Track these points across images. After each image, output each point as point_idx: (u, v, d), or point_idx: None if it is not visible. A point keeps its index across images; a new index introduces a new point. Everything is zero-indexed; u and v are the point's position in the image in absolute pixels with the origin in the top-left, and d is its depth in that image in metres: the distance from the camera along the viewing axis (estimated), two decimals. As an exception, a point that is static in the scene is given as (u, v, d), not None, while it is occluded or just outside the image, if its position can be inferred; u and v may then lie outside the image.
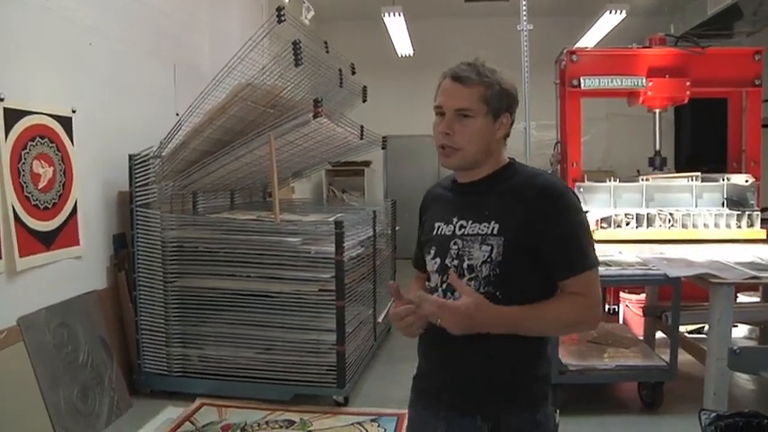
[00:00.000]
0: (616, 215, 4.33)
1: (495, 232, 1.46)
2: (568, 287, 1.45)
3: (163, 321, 3.78)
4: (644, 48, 4.58)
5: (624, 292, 4.87)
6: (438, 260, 1.54)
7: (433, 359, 1.58)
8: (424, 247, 1.63)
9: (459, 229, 1.52)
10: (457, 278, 1.45)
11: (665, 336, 3.94)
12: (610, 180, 4.54)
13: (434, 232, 1.57)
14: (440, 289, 1.54)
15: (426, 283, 1.63)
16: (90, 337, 3.49)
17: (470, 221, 1.51)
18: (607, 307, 5.08)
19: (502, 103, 1.49)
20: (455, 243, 1.51)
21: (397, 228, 5.60)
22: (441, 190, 1.67)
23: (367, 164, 8.62)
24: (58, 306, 3.35)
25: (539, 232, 1.43)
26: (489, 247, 1.46)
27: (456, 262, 1.50)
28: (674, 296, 3.36)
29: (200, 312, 3.77)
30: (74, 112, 3.53)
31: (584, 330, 1.88)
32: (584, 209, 4.24)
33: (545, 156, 5.50)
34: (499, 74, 1.49)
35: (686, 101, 4.49)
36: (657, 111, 4.63)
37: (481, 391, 1.49)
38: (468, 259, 1.48)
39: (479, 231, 1.48)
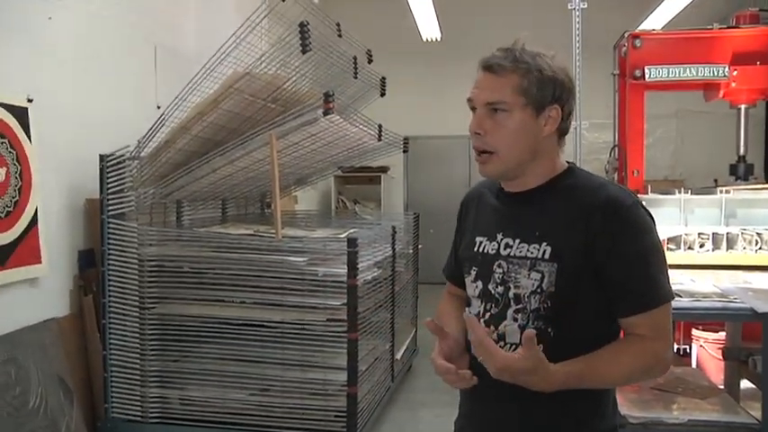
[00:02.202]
0: (687, 234, 4.26)
1: (546, 257, 1.44)
2: (634, 327, 1.43)
3: (137, 356, 3.76)
4: (728, 28, 4.51)
5: (698, 329, 4.78)
6: (480, 284, 1.54)
7: (480, 401, 1.58)
8: (462, 265, 1.62)
9: (505, 249, 1.50)
10: (526, 334, 1.34)
11: (752, 385, 3.84)
12: (679, 192, 4.47)
13: (476, 248, 1.57)
14: (482, 320, 1.53)
15: (467, 309, 1.61)
16: (45, 377, 3.46)
17: (518, 241, 1.49)
18: (676, 347, 4.99)
19: (545, 92, 1.46)
20: (499, 265, 1.50)
21: (420, 246, 5.59)
22: (487, 192, 1.65)
23: (384, 170, 8.64)
24: (4, 338, 3.32)
25: (601, 258, 1.41)
26: (540, 275, 1.44)
27: (501, 289, 1.49)
28: (765, 336, 3.26)
29: (184, 345, 3.75)
30: (30, 101, 3.52)
31: (651, 378, 1.87)
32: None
33: (599, 162, 5.47)
34: (543, 58, 1.47)
35: (782, 94, 4.43)
36: (743, 107, 4.56)
37: None
38: (515, 287, 1.47)
39: (528, 254, 1.46)
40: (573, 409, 1.46)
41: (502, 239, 1.51)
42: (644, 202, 1.53)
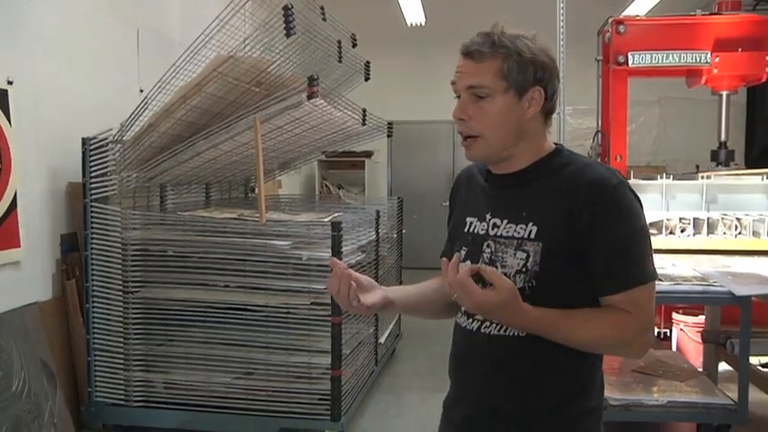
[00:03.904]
0: (669, 220, 4.31)
1: (532, 236, 1.46)
2: (615, 305, 1.44)
3: (121, 340, 3.76)
4: (711, 15, 4.54)
5: (678, 312, 4.85)
6: (468, 263, 1.55)
7: (463, 383, 1.60)
8: (452, 246, 1.64)
9: (493, 229, 1.52)
10: (489, 269, 1.41)
11: (730, 368, 3.90)
12: (661, 177, 4.51)
13: (466, 228, 1.59)
14: None
15: None
16: (28, 361, 3.45)
17: (505, 221, 1.51)
18: (656, 330, 5.05)
19: (526, 74, 1.46)
20: (488, 245, 1.52)
21: (403, 231, 5.60)
22: (477, 173, 1.66)
23: (368, 154, 8.64)
24: (-13, 321, 3.32)
25: (583, 237, 1.42)
26: (525, 255, 1.45)
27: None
28: (743, 319, 3.32)
29: (168, 329, 3.75)
30: (10, 83, 3.49)
31: (628, 356, 1.88)
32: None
33: (582, 148, 5.48)
34: (523, 40, 1.47)
35: (764, 79, 4.45)
36: (725, 93, 4.60)
37: (516, 425, 1.50)
38: (502, 267, 1.48)
39: (515, 234, 1.48)
40: (561, 385, 1.48)
41: (490, 220, 1.53)
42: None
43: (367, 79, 4.71)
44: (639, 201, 1.49)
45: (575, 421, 1.49)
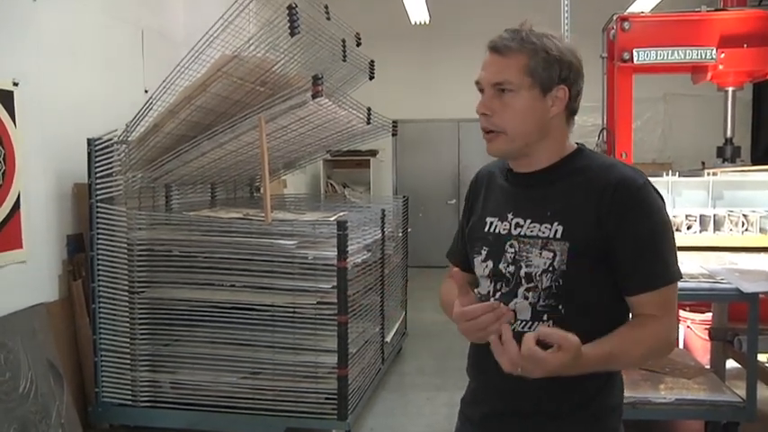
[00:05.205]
0: (675, 217, 4.28)
1: (558, 236, 1.45)
2: (643, 306, 1.45)
3: (128, 340, 3.76)
4: (716, 11, 4.51)
5: (685, 310, 4.83)
6: (490, 263, 1.55)
7: (482, 381, 1.60)
8: (471, 246, 1.63)
9: (515, 229, 1.52)
10: (551, 331, 1.34)
11: (737, 365, 3.89)
12: (667, 174, 4.49)
13: (486, 229, 1.58)
14: (492, 299, 1.54)
15: (476, 290, 1.62)
16: (35, 361, 3.45)
17: (528, 221, 1.50)
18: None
19: (551, 72, 1.47)
20: (511, 245, 1.51)
21: (409, 230, 5.59)
22: (497, 173, 1.66)
23: (373, 153, 8.63)
24: (-5, 322, 3.31)
25: (610, 237, 1.43)
26: (551, 254, 1.45)
27: (512, 268, 1.51)
28: (750, 316, 3.30)
29: (174, 329, 3.76)
30: (15, 84, 3.50)
31: (657, 359, 1.88)
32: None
33: (588, 145, 5.45)
34: (551, 39, 1.47)
35: (770, 76, 4.43)
36: (731, 89, 4.57)
37: (535, 422, 1.51)
38: (527, 266, 1.48)
39: (540, 234, 1.48)
40: (581, 383, 1.47)
41: (512, 219, 1.53)
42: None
43: (371, 78, 4.71)
44: (663, 200, 1.50)
45: (595, 418, 1.49)
